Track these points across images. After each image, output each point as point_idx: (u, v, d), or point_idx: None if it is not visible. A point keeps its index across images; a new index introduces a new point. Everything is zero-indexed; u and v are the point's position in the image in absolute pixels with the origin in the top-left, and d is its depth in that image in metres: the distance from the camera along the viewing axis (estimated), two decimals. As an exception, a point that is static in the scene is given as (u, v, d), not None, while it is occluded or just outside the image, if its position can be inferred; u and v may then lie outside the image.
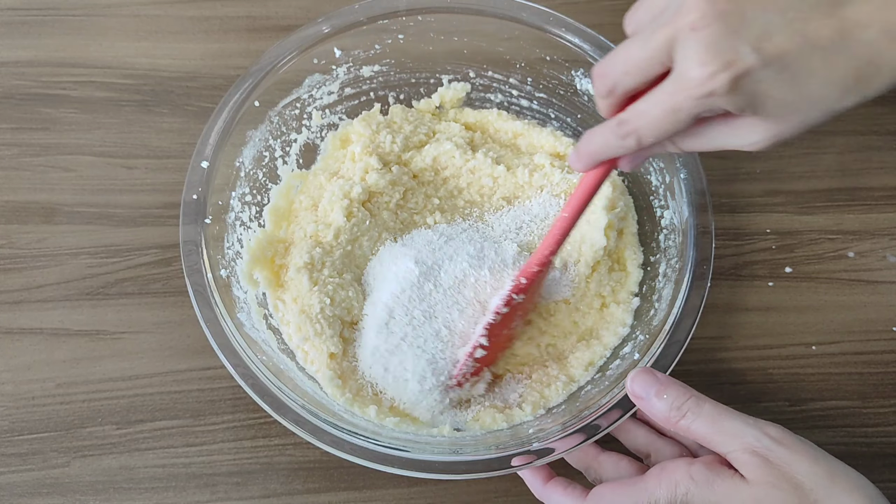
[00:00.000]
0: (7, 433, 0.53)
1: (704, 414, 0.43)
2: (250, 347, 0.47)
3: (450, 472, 0.44)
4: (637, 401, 0.45)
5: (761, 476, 0.41)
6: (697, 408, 0.43)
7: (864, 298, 0.60)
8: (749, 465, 0.41)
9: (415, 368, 0.50)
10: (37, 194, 0.60)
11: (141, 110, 0.64)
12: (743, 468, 0.42)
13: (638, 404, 0.45)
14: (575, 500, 0.46)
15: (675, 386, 0.45)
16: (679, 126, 0.37)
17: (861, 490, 0.41)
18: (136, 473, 0.52)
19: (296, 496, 0.52)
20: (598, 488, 0.45)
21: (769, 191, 0.64)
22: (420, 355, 0.50)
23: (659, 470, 0.44)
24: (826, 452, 0.43)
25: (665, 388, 0.44)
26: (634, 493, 0.43)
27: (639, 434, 0.49)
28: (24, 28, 0.67)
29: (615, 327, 0.54)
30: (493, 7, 0.58)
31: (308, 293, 0.52)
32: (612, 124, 0.39)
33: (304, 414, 0.45)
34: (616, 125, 0.39)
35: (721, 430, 0.43)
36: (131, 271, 0.58)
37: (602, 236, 0.54)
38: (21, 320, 0.56)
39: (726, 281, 0.60)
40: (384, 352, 0.51)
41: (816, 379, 0.57)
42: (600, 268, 0.55)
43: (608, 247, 0.55)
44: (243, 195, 0.55)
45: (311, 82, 0.58)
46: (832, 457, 0.42)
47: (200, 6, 0.69)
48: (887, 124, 0.67)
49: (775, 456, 0.41)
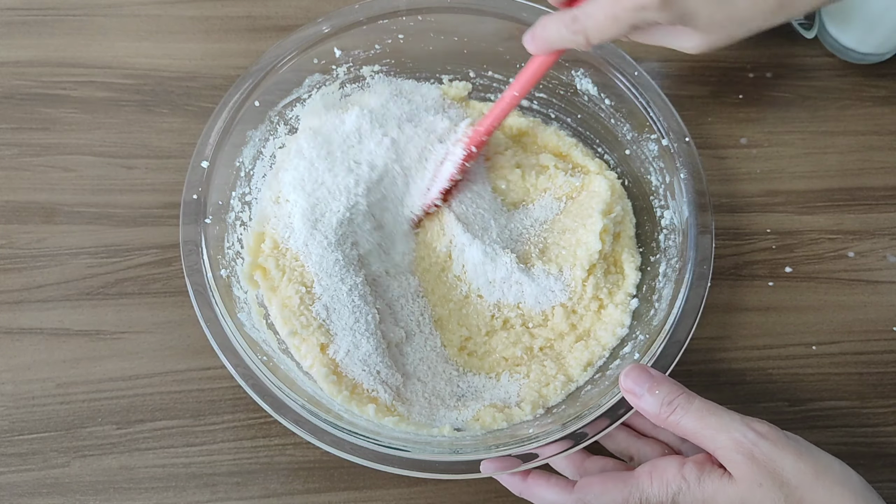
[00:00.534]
0: (7, 433, 0.53)
1: (693, 410, 0.43)
2: (250, 347, 0.47)
3: (450, 472, 0.44)
4: (629, 396, 0.45)
5: (747, 473, 0.41)
6: (687, 403, 0.44)
7: (864, 298, 0.60)
8: (735, 461, 0.41)
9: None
10: (37, 194, 0.60)
11: (141, 110, 0.64)
12: (730, 465, 0.42)
13: (630, 400, 0.45)
14: (561, 491, 0.45)
15: (667, 382, 0.45)
16: (620, 31, 0.42)
17: (846, 484, 0.41)
18: (136, 473, 0.52)
19: (296, 496, 0.52)
20: (587, 479, 0.45)
21: (769, 191, 0.64)
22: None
23: (650, 467, 0.43)
24: (813, 446, 0.43)
25: (657, 385, 0.45)
26: (625, 487, 0.43)
27: (619, 438, 0.49)
28: (24, 28, 0.67)
29: (613, 328, 0.54)
30: (493, 7, 0.58)
31: (283, 285, 0.52)
32: (566, 18, 0.44)
33: (304, 414, 0.45)
34: (570, 20, 0.43)
35: (708, 425, 0.43)
36: (131, 271, 0.58)
37: (597, 240, 0.54)
38: (21, 320, 0.56)
39: (726, 281, 0.60)
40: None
41: (816, 379, 0.57)
42: (596, 271, 0.55)
43: (603, 250, 0.55)
44: (243, 195, 0.55)
45: (311, 82, 0.58)
46: (819, 450, 0.42)
47: (200, 6, 0.69)
48: (888, 124, 0.67)
49: (760, 452, 0.41)
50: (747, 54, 0.69)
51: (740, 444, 0.41)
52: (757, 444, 0.41)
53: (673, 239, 0.54)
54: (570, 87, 0.60)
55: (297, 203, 0.54)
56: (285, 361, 0.50)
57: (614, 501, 0.43)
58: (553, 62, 0.49)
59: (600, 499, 0.43)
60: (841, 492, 0.40)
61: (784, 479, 0.40)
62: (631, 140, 0.58)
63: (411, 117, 0.57)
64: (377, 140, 0.56)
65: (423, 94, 0.61)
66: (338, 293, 0.52)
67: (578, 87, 0.60)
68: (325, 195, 0.54)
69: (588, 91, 0.59)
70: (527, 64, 0.50)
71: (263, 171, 0.57)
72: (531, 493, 0.46)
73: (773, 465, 0.41)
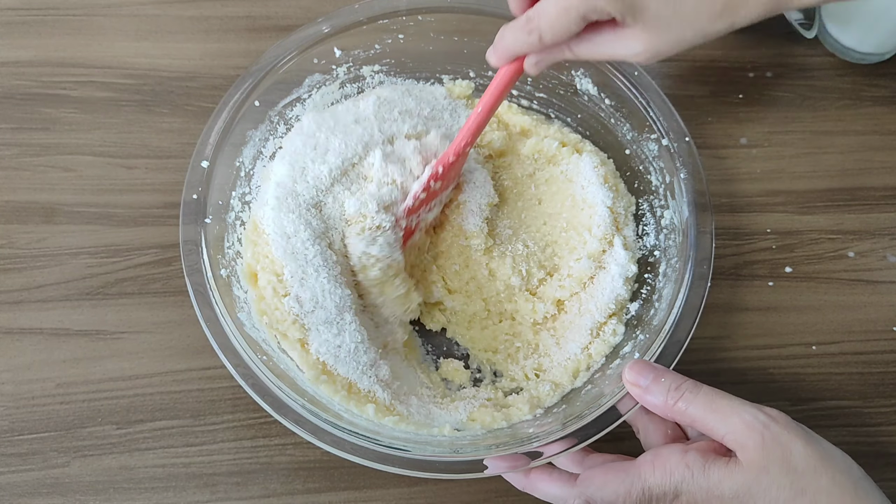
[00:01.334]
0: (7, 433, 0.53)
1: (702, 395, 0.43)
2: (250, 347, 0.47)
3: (450, 472, 0.44)
4: (634, 389, 0.45)
5: (755, 457, 0.40)
6: (696, 388, 0.44)
7: (864, 298, 0.60)
8: (744, 445, 0.41)
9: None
10: (37, 194, 0.60)
11: (141, 110, 0.64)
12: (738, 449, 0.41)
13: (634, 392, 0.45)
14: (564, 485, 0.45)
15: (671, 372, 0.45)
16: (571, 25, 0.43)
17: (847, 473, 0.41)
18: (136, 473, 0.52)
19: (296, 496, 0.52)
20: (589, 471, 0.45)
21: (769, 191, 0.64)
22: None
23: (652, 456, 0.43)
24: (817, 434, 0.43)
25: (662, 374, 0.45)
26: (627, 478, 0.43)
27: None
28: (24, 28, 0.67)
29: (606, 337, 0.54)
30: (493, 7, 0.58)
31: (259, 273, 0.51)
32: (521, 21, 0.45)
33: (304, 414, 0.45)
34: (525, 21, 0.44)
35: (718, 408, 0.42)
36: (131, 271, 0.58)
37: (623, 287, 0.54)
38: (21, 320, 0.56)
39: (726, 281, 0.60)
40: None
41: (817, 379, 0.57)
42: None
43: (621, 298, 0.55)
44: (243, 195, 0.55)
45: (311, 82, 0.58)
46: (822, 439, 0.43)
47: (200, 6, 0.69)
48: (888, 124, 0.67)
49: (770, 433, 0.41)
50: (747, 54, 0.69)
51: (751, 424, 0.41)
52: (768, 426, 0.41)
53: (673, 239, 0.54)
54: (570, 87, 0.60)
55: (277, 171, 0.53)
56: (285, 361, 0.50)
57: (616, 493, 0.43)
58: (516, 73, 0.49)
59: (602, 491, 0.43)
60: (842, 480, 0.40)
61: (792, 463, 0.40)
62: (631, 140, 0.58)
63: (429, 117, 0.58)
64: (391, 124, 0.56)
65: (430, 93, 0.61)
66: (308, 282, 0.50)
67: (578, 87, 0.60)
68: (308, 166, 0.53)
69: (588, 91, 0.59)
70: (493, 78, 0.50)
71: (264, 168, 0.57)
72: (534, 487, 0.46)
73: (783, 449, 0.40)
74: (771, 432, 0.41)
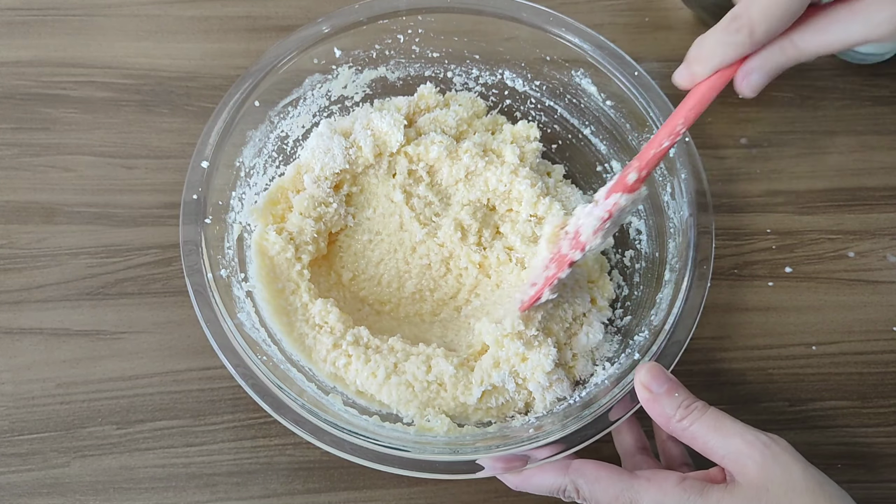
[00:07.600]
0: (7, 433, 0.53)
1: (709, 415, 0.43)
2: (250, 347, 0.47)
3: (450, 472, 0.44)
4: (644, 392, 0.44)
5: (755, 476, 0.40)
6: (704, 408, 0.43)
7: (864, 298, 0.60)
8: (744, 464, 0.41)
9: None
10: (37, 194, 0.60)
11: (141, 110, 0.64)
12: (738, 469, 0.41)
13: (643, 396, 0.45)
14: (556, 473, 0.45)
15: (684, 388, 0.44)
16: (791, 9, 0.35)
17: (843, 500, 0.40)
18: (136, 473, 0.52)
19: (296, 496, 0.52)
20: (582, 461, 0.44)
21: (769, 191, 0.64)
22: None
23: (650, 474, 0.43)
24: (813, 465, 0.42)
25: (677, 387, 0.44)
26: (620, 482, 0.43)
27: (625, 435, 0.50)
28: (24, 28, 0.67)
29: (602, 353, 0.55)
30: (493, 7, 0.58)
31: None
32: (724, 22, 0.37)
33: (304, 414, 0.45)
34: (729, 21, 0.37)
35: (721, 428, 0.42)
36: (131, 271, 0.58)
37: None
38: (21, 320, 0.56)
39: (726, 281, 0.60)
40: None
41: (816, 379, 0.57)
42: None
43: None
44: (243, 195, 0.55)
45: (311, 82, 0.58)
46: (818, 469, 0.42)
47: (200, 6, 0.69)
48: (887, 124, 0.67)
49: (772, 453, 0.41)
50: (747, 54, 0.69)
51: (752, 443, 0.41)
52: (769, 446, 0.41)
53: (673, 239, 0.54)
54: (570, 87, 0.60)
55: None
56: (285, 361, 0.50)
57: (605, 491, 0.43)
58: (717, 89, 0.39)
59: (593, 485, 0.43)
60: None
61: (793, 483, 0.40)
62: (631, 140, 0.58)
63: None
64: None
65: None
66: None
67: (579, 88, 0.60)
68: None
69: (588, 91, 0.59)
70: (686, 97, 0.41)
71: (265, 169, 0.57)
72: (528, 483, 0.46)
73: (784, 469, 0.40)
74: (772, 452, 0.41)
